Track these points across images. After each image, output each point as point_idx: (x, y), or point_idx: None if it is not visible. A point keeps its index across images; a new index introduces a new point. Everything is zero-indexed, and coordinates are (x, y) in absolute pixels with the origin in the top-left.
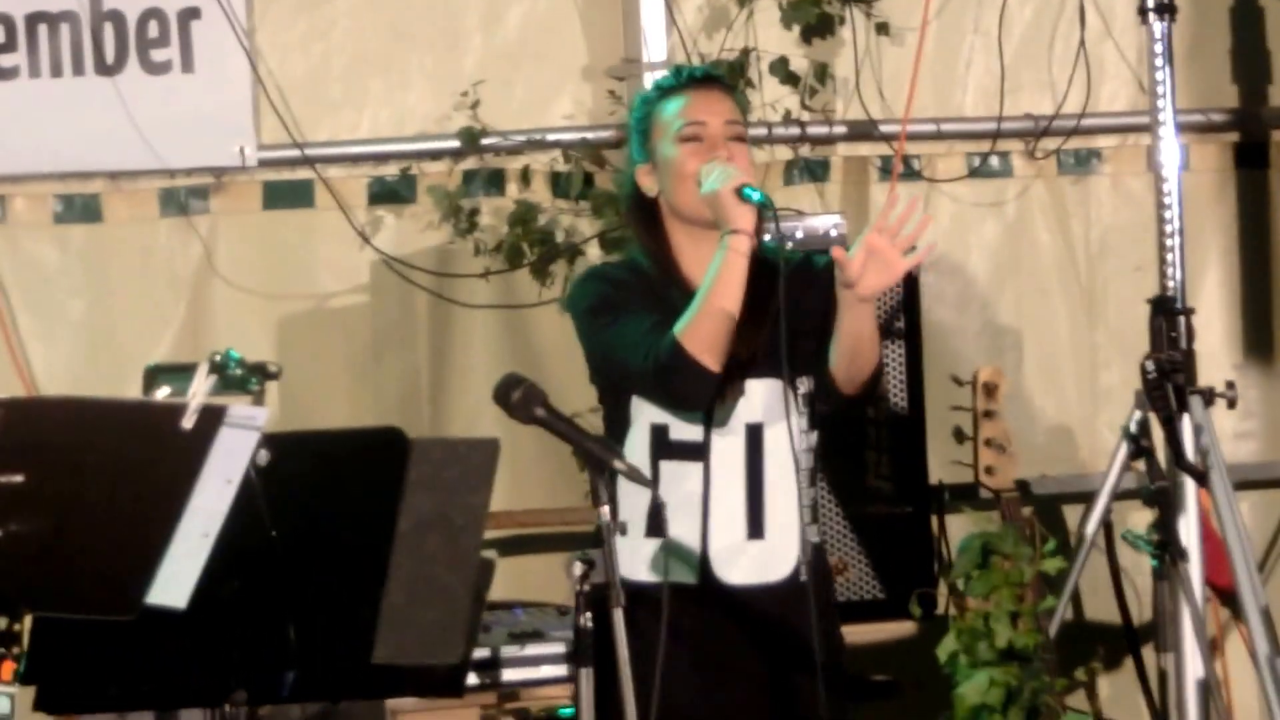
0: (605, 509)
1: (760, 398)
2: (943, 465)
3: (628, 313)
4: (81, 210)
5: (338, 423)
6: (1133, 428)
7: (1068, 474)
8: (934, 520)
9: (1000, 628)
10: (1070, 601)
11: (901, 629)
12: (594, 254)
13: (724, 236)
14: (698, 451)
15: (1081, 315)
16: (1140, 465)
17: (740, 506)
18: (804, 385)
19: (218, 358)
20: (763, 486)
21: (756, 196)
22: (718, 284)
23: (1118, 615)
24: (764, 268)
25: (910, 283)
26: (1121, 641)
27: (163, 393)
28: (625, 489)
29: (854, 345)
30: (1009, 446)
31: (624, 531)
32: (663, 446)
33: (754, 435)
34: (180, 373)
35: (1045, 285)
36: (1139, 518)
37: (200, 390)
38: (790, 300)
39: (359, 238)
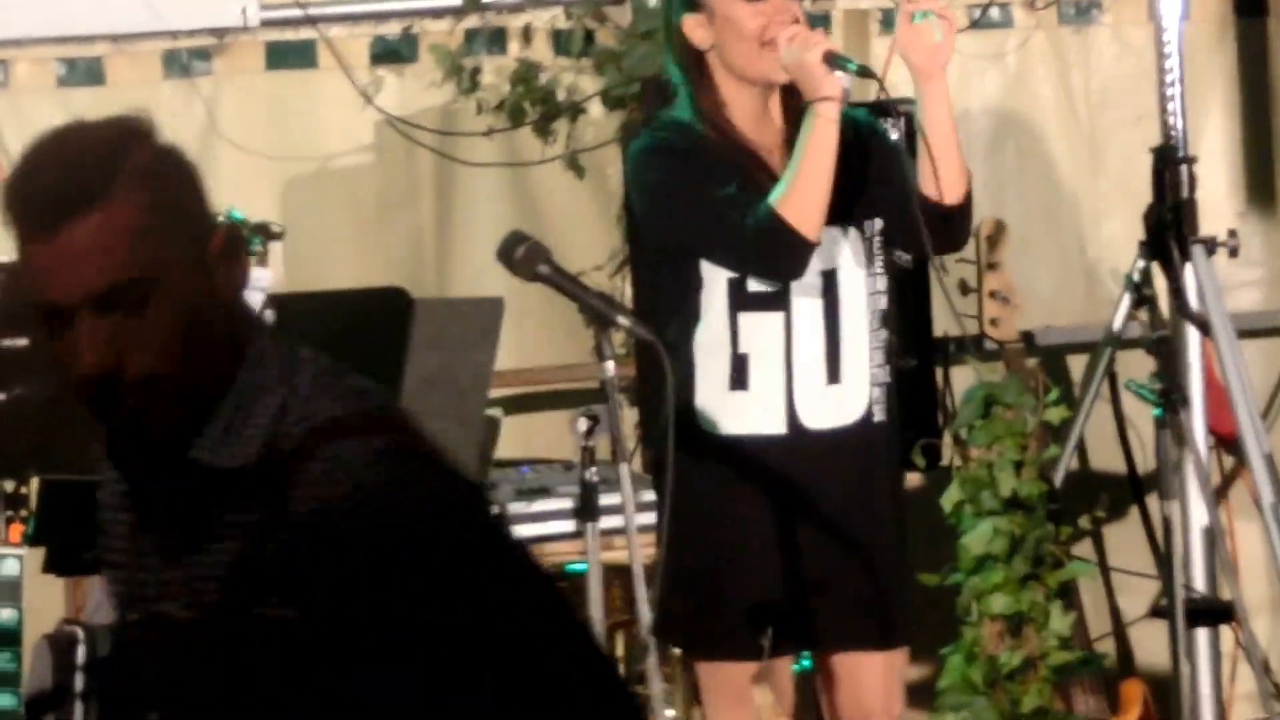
0: (609, 364)
1: (831, 243)
2: (947, 318)
3: (703, 185)
4: (84, 73)
5: (343, 283)
6: (1135, 277)
7: (1072, 324)
8: (939, 372)
9: (1004, 477)
10: (1075, 451)
11: (906, 480)
12: (596, 111)
13: (812, 104)
14: (777, 301)
15: (1083, 165)
16: (1143, 314)
17: (819, 352)
18: (872, 228)
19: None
20: (839, 330)
21: (851, 66)
22: (812, 153)
23: (1122, 464)
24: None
25: (911, 136)
26: (1126, 490)
27: None
28: (705, 344)
29: (938, 146)
30: (1013, 298)
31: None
32: (741, 298)
33: (829, 280)
34: None
35: (1046, 136)
36: (1142, 367)
37: None
38: (860, 154)
39: (361, 98)
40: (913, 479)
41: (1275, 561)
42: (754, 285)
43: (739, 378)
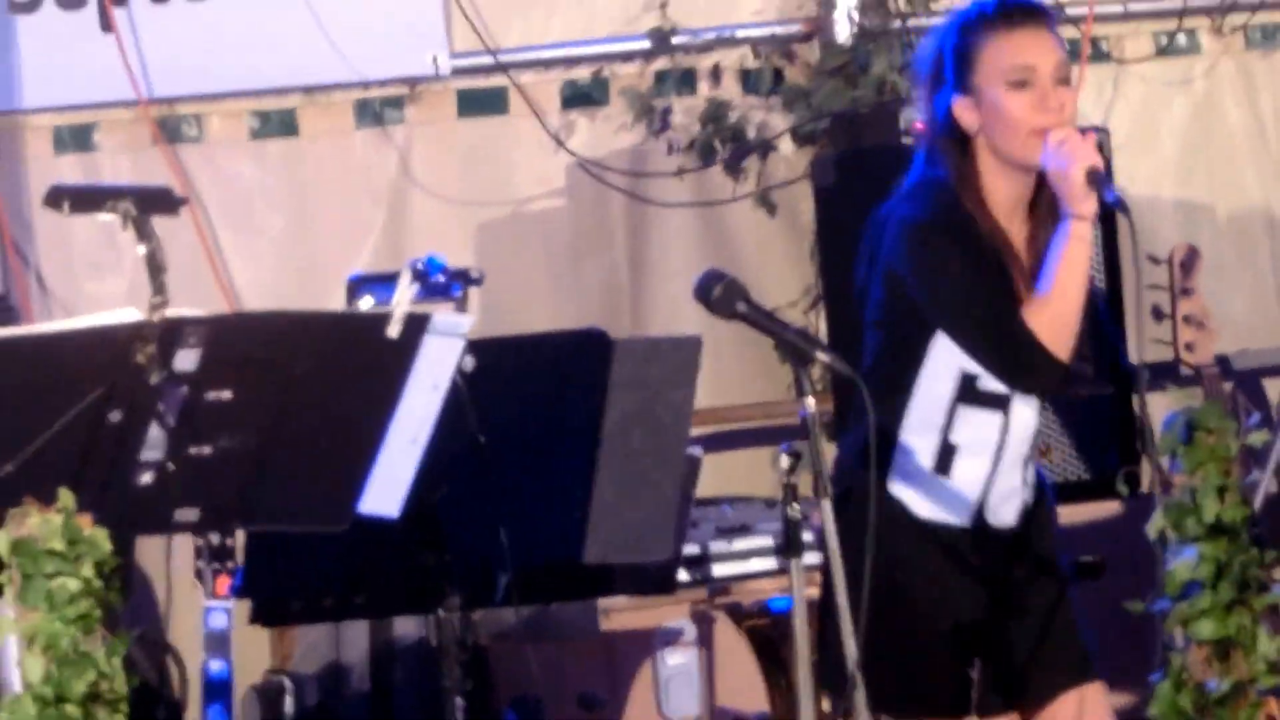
0: (809, 400)
1: None
2: (1141, 344)
3: (977, 279)
4: (278, 125)
5: (539, 326)
6: None
7: (1268, 347)
8: (1135, 399)
9: (1208, 503)
10: (1275, 474)
11: (1105, 509)
12: (786, 148)
13: (1067, 218)
14: (1001, 403)
15: (1274, 188)
16: None
17: (1022, 457)
18: None
19: (420, 265)
20: (1034, 438)
21: (1110, 197)
22: (1066, 273)
23: None
24: None
25: (1103, 163)
26: None
27: (366, 303)
28: (915, 423)
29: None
30: (1207, 322)
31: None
32: (969, 393)
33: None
34: (383, 282)
35: (1236, 160)
36: None
37: (404, 298)
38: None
39: (553, 142)
40: (1111, 507)
41: None
42: (985, 384)
43: (944, 464)
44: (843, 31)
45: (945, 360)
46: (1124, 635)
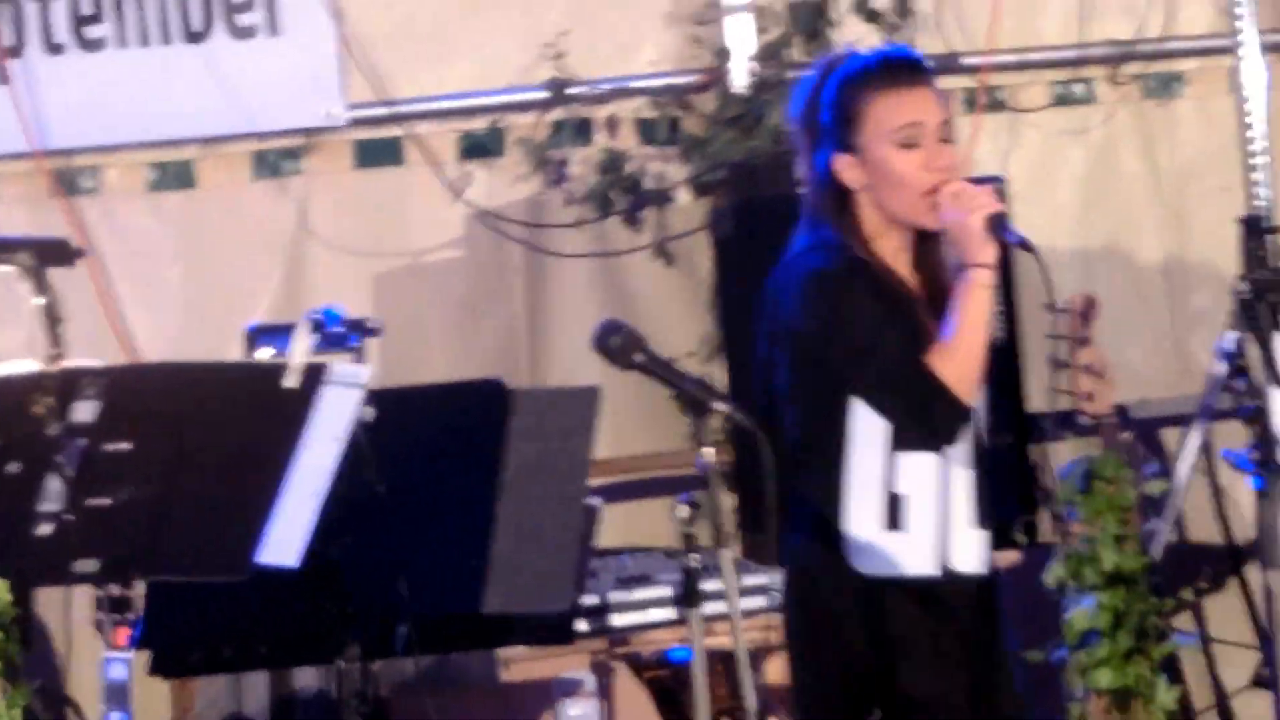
0: (708, 450)
1: None
2: (1041, 394)
3: (876, 327)
4: (175, 177)
5: (438, 377)
6: (1227, 348)
7: (1166, 397)
8: (1034, 449)
9: (1106, 552)
10: (1173, 523)
11: (1004, 558)
12: (683, 198)
13: (968, 268)
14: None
15: (1171, 238)
16: (1237, 385)
17: (969, 495)
18: None
19: (317, 316)
20: (982, 475)
21: (1014, 238)
22: (969, 320)
23: (1220, 535)
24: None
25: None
26: (1225, 561)
27: (264, 354)
28: (858, 480)
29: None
30: (1106, 372)
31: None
32: (901, 439)
33: (976, 420)
34: (280, 333)
35: (1134, 209)
36: (1237, 438)
37: (301, 349)
38: None
39: (450, 193)
40: (1010, 556)
41: None
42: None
43: (894, 518)
44: (739, 82)
45: (870, 412)
46: (1024, 685)
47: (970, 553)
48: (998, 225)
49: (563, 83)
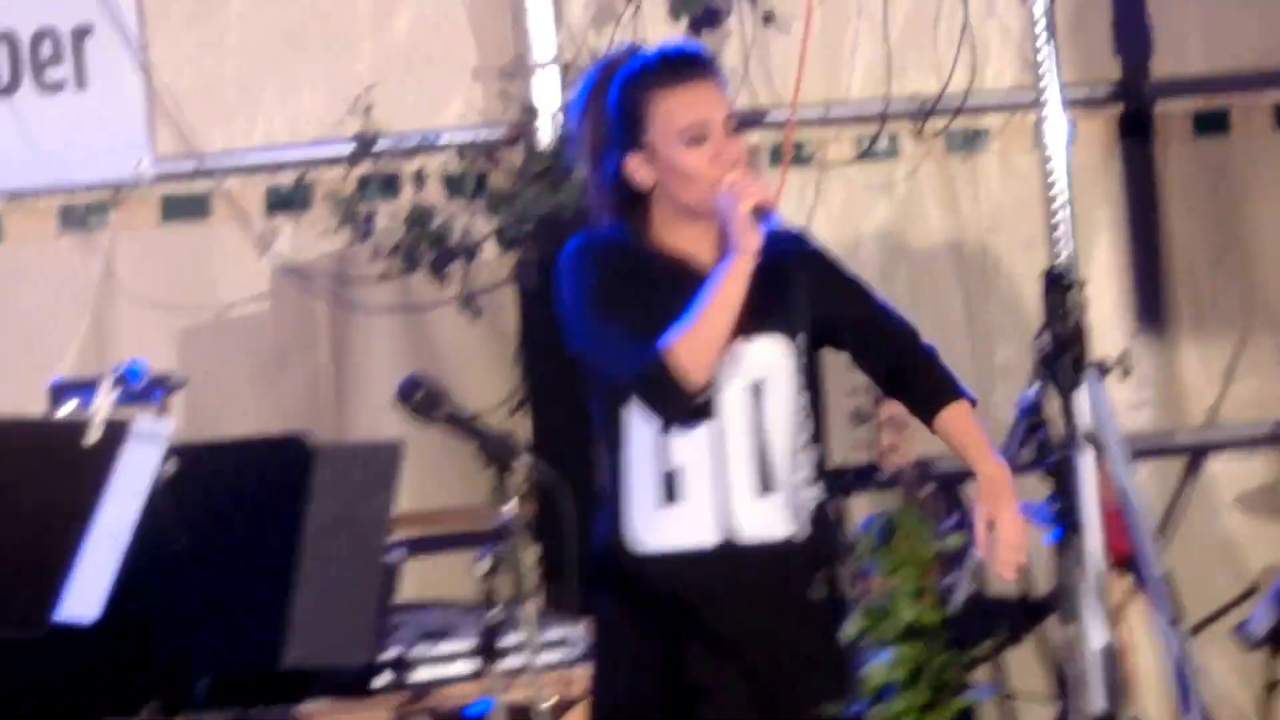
0: (510, 505)
1: (762, 353)
2: (842, 447)
3: (620, 301)
4: None
5: (243, 431)
6: (1028, 401)
7: None
8: (835, 502)
9: (904, 605)
10: (972, 576)
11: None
12: (490, 252)
13: (731, 254)
14: (707, 411)
15: (975, 292)
16: (1037, 438)
17: (749, 463)
18: (802, 342)
19: (121, 371)
20: (767, 442)
21: (773, 222)
22: (716, 303)
23: (1020, 589)
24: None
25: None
26: (1025, 614)
27: (67, 409)
28: (635, 461)
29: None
30: (908, 426)
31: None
32: None
33: (758, 390)
34: (84, 388)
35: (937, 264)
36: (1038, 491)
37: (104, 404)
38: (788, 269)
39: (257, 246)
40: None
41: (1173, 680)
42: None
43: (670, 492)
44: (546, 136)
45: None
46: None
47: (759, 520)
48: (764, 214)
49: (370, 137)
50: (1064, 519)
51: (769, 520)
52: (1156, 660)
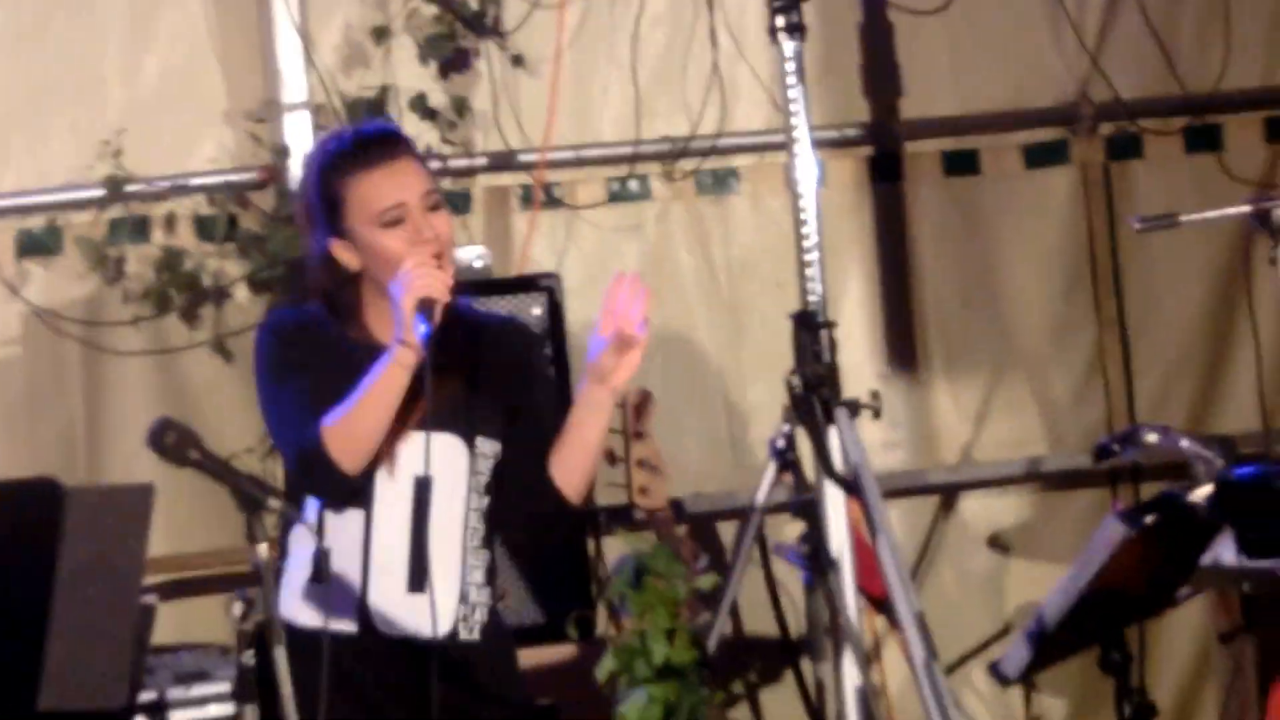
0: (261, 547)
1: (436, 452)
2: (597, 487)
3: (291, 382)
4: None
5: None
6: (780, 442)
7: (720, 491)
8: (590, 543)
9: (657, 646)
10: (728, 616)
11: (561, 652)
12: (241, 295)
13: (394, 345)
14: (359, 497)
15: (726, 333)
16: (789, 479)
17: (402, 558)
18: (486, 447)
19: None
20: (426, 540)
21: (422, 331)
22: (375, 391)
23: (775, 628)
24: (457, 324)
25: (554, 309)
26: (780, 654)
27: None
28: (299, 533)
29: (583, 447)
30: (661, 467)
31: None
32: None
33: (421, 488)
34: None
35: (688, 306)
36: (792, 531)
37: None
38: (481, 360)
39: (7, 291)
40: (568, 650)
41: (930, 718)
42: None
43: (318, 570)
44: (296, 179)
45: None
46: None
47: (405, 615)
48: (425, 309)
49: (120, 180)
50: (814, 559)
51: (418, 617)
52: (913, 699)
